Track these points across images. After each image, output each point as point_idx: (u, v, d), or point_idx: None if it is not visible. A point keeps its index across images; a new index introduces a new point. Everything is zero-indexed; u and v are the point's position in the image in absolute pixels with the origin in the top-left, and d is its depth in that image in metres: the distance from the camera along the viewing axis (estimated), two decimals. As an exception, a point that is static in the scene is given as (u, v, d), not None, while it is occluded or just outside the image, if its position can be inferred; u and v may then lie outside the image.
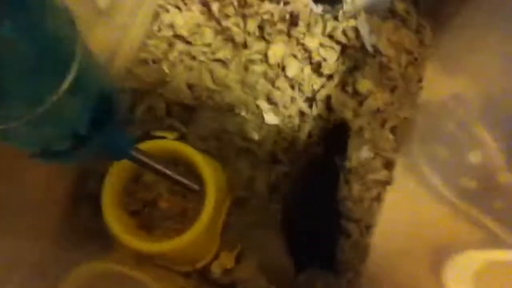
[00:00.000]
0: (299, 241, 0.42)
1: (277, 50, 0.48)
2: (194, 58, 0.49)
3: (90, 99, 0.24)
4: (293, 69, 0.48)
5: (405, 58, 0.49)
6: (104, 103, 0.25)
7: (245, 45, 0.49)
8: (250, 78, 0.48)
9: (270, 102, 0.48)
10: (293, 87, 0.48)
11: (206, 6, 0.50)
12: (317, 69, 0.48)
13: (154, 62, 0.49)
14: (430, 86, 0.49)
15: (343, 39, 0.48)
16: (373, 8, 0.49)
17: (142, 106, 0.47)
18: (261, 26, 0.49)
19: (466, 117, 0.43)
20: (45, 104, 0.20)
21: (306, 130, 0.47)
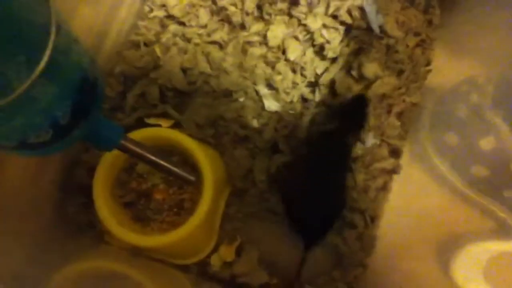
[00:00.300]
0: (306, 219, 0.41)
1: (277, 32, 0.45)
2: (188, 40, 0.46)
3: (70, 85, 0.22)
4: (294, 52, 0.45)
5: (412, 39, 0.46)
6: (87, 90, 0.23)
7: (242, 26, 0.47)
8: (249, 61, 0.45)
9: (270, 87, 0.46)
10: (294, 71, 0.46)
11: (200, -16, 0.48)
12: (320, 51, 0.46)
13: (145, 45, 0.47)
14: (439, 69, 0.47)
15: (348, 19, 0.45)
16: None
17: (134, 91, 0.45)
18: (259, 6, 0.47)
19: (478, 102, 0.41)
20: (15, 91, 0.18)
21: (308, 117, 0.45)
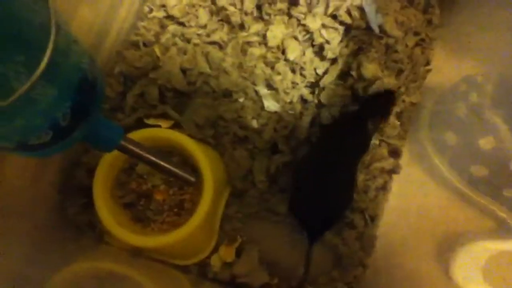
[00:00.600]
0: (312, 212, 0.40)
1: (276, 32, 0.45)
2: (188, 40, 0.46)
3: (70, 86, 0.22)
4: (293, 52, 0.45)
5: (412, 39, 0.46)
6: (86, 90, 0.23)
7: (242, 26, 0.46)
8: (248, 61, 0.45)
9: (270, 87, 0.45)
10: (294, 71, 0.45)
11: (200, -16, 0.47)
12: (319, 51, 0.46)
13: (145, 45, 0.47)
14: (438, 69, 0.47)
15: (347, 19, 0.45)
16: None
17: (133, 92, 0.44)
18: (259, 6, 0.47)
19: (478, 101, 0.41)
20: (15, 92, 0.18)
21: (308, 117, 0.45)
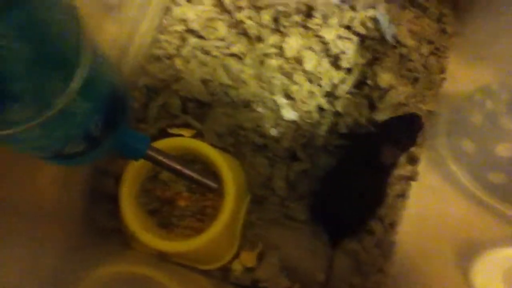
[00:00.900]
0: (335, 218, 0.42)
1: (293, 43, 0.46)
2: (207, 53, 0.48)
3: (103, 100, 0.23)
4: (310, 62, 0.46)
5: (426, 48, 0.47)
6: (116, 103, 0.25)
7: (259, 38, 0.48)
8: (266, 72, 0.46)
9: (288, 97, 0.46)
10: (311, 81, 0.47)
11: (218, -1, 0.49)
12: (335, 61, 0.47)
13: (167, 58, 0.48)
14: (453, 77, 0.47)
15: (362, 30, 0.46)
16: (392, -4, 0.47)
17: (156, 103, 0.46)
18: (275, 18, 0.48)
19: (493, 109, 0.41)
20: (53, 107, 0.19)
21: (325, 126, 0.46)
